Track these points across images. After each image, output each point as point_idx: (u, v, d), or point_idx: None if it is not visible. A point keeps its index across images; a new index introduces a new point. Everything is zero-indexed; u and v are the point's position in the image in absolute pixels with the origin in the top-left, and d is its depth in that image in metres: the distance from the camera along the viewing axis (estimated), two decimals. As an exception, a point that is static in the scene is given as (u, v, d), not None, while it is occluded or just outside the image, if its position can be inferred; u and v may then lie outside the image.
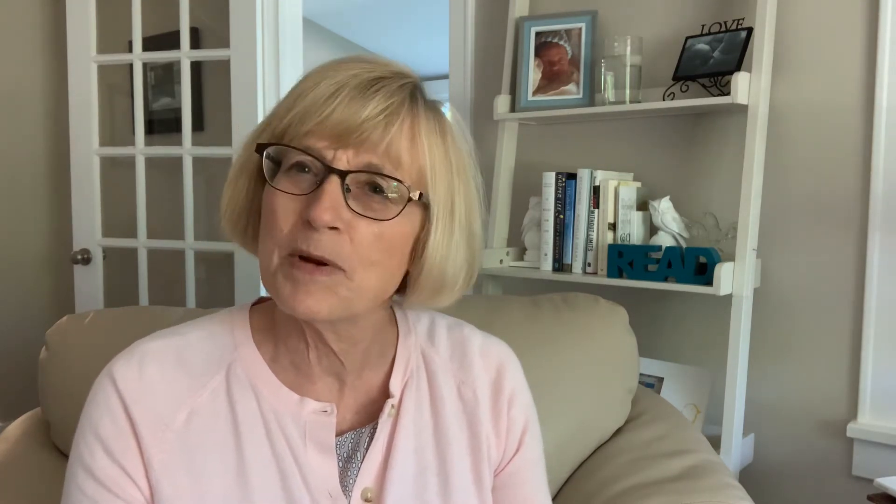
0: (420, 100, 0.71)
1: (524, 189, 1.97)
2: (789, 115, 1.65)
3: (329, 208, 0.65)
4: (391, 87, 0.69)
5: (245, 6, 2.18)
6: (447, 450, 0.79)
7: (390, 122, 0.67)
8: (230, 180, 0.75)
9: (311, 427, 0.74)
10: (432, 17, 4.10)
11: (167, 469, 0.71)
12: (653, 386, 1.70)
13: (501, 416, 0.83)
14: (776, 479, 1.69)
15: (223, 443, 0.73)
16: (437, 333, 0.85)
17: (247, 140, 0.74)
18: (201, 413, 0.73)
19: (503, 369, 0.84)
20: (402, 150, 0.68)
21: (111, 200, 2.41)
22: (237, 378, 0.75)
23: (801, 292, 1.65)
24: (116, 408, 0.72)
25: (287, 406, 0.74)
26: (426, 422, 0.79)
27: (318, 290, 0.67)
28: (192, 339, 0.77)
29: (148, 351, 0.75)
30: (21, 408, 1.47)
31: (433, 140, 0.71)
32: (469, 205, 0.75)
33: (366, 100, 0.67)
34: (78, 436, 0.74)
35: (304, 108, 0.68)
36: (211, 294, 2.48)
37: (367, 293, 0.70)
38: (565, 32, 1.87)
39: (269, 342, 0.77)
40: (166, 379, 0.73)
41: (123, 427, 0.71)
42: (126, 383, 0.72)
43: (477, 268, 0.78)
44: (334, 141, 0.67)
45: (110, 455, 0.71)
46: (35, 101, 2.80)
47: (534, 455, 0.86)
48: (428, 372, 0.82)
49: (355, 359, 0.77)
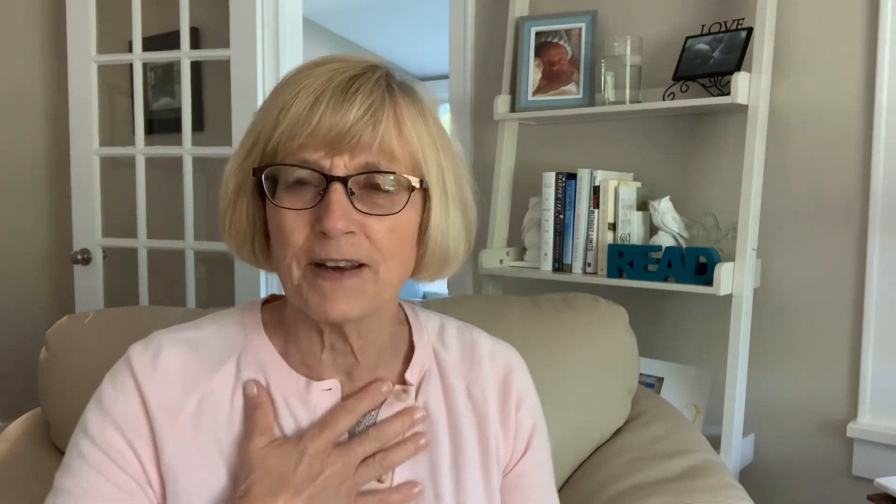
0: (395, 87, 0.72)
1: (524, 189, 1.97)
2: (789, 115, 1.65)
3: (341, 216, 0.67)
4: (369, 84, 0.69)
5: (245, 6, 2.18)
6: (459, 445, 0.80)
7: (377, 119, 0.68)
8: (228, 204, 0.75)
9: (318, 408, 0.76)
10: (432, 16, 4.11)
11: (181, 452, 0.72)
12: (653, 386, 1.70)
13: (510, 418, 0.84)
14: (776, 479, 1.69)
15: (232, 423, 0.74)
16: (447, 334, 0.86)
17: (236, 161, 0.75)
18: (212, 396, 0.75)
19: (511, 373, 0.85)
20: (393, 143, 0.70)
21: (111, 200, 2.41)
22: (247, 364, 0.77)
23: (801, 292, 1.65)
24: (132, 391, 0.74)
25: (295, 389, 0.76)
26: (441, 416, 0.81)
27: (347, 294, 0.69)
28: (207, 333, 0.79)
29: (165, 340, 0.77)
30: (21, 408, 1.47)
31: (417, 124, 0.72)
32: (457, 174, 0.76)
33: (348, 102, 0.68)
34: (87, 412, 0.75)
35: (290, 123, 0.68)
36: (211, 294, 2.48)
37: (391, 284, 0.73)
38: (565, 32, 1.87)
39: (279, 338, 0.79)
40: (180, 366, 0.75)
41: (137, 410, 0.73)
42: (142, 368, 0.74)
43: (474, 232, 0.80)
44: (328, 149, 0.68)
45: (121, 432, 0.73)
46: (35, 101, 2.80)
47: (542, 457, 0.87)
48: (440, 369, 0.83)
49: (370, 356, 0.78)
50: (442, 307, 1.00)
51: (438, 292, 4.86)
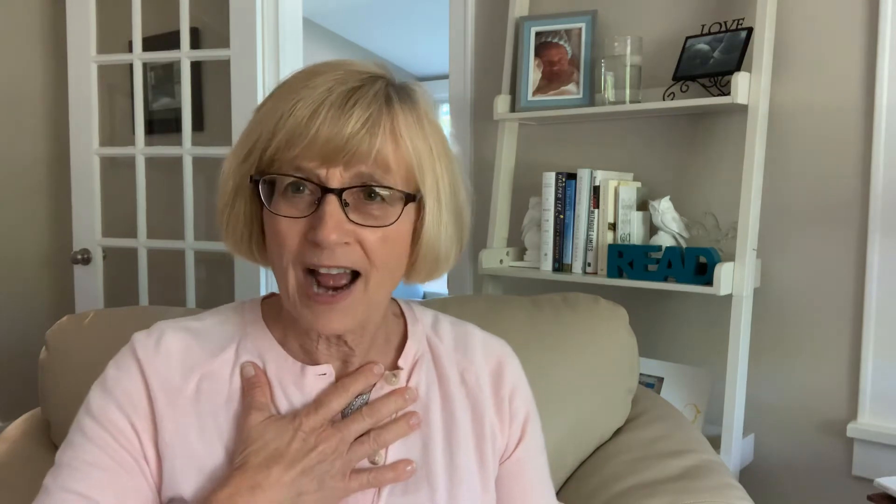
0: (394, 98, 0.72)
1: (524, 189, 1.97)
2: (789, 115, 1.65)
3: (334, 228, 0.68)
4: (367, 96, 0.70)
5: (245, 6, 2.18)
6: (453, 428, 0.82)
7: (374, 133, 0.69)
8: (226, 203, 0.77)
9: (313, 391, 0.78)
10: (432, 17, 4.10)
11: (179, 431, 0.74)
12: (653, 386, 1.70)
13: (503, 406, 0.85)
14: (776, 479, 1.69)
15: (230, 406, 0.77)
16: (440, 326, 0.88)
17: (234, 161, 0.75)
18: (211, 379, 0.77)
19: (503, 364, 0.87)
20: (388, 156, 0.70)
21: (111, 200, 2.41)
22: (246, 350, 0.80)
23: (801, 292, 1.65)
24: (134, 372, 0.76)
25: (290, 374, 0.78)
26: (435, 399, 0.83)
27: (339, 315, 0.72)
28: (208, 323, 0.82)
29: (167, 327, 0.80)
30: (21, 408, 1.47)
31: (414, 134, 0.72)
32: (453, 181, 0.77)
33: (346, 115, 0.68)
34: (90, 393, 0.77)
35: (287, 132, 0.69)
36: (211, 294, 2.48)
37: (381, 292, 0.75)
38: (565, 32, 1.87)
39: (278, 329, 0.81)
40: (182, 349, 0.78)
41: (139, 388, 0.75)
42: (145, 351, 0.77)
43: (467, 235, 0.82)
44: (324, 160, 0.69)
45: (121, 409, 0.75)
46: (35, 101, 2.80)
47: (537, 444, 0.88)
48: (434, 356, 0.85)
49: (364, 346, 0.80)
50: (442, 307, 1.00)
51: (438, 292, 4.86)
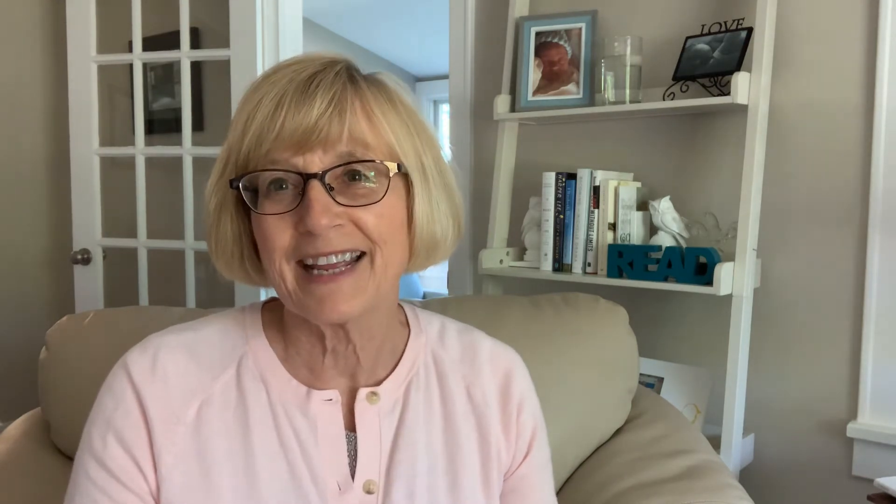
0: (359, 78, 0.71)
1: (524, 189, 1.97)
2: (789, 115, 1.65)
3: (322, 212, 0.66)
4: (328, 78, 0.69)
5: (245, 6, 2.18)
6: (457, 448, 0.80)
7: (342, 110, 0.68)
8: (212, 223, 0.75)
9: (319, 419, 0.75)
10: (432, 17, 4.10)
11: (179, 462, 0.72)
12: (653, 386, 1.70)
13: (511, 421, 0.83)
14: (776, 479, 1.69)
15: (232, 433, 0.74)
16: (447, 336, 0.86)
17: (214, 178, 0.74)
18: (212, 404, 0.74)
19: (511, 375, 0.85)
20: (364, 132, 0.69)
21: (111, 200, 2.41)
22: (248, 370, 0.76)
23: (801, 292, 1.65)
24: (130, 399, 0.73)
25: (295, 398, 0.75)
26: (436, 419, 0.80)
27: (346, 296, 0.68)
28: (206, 334, 0.78)
29: (163, 344, 0.76)
30: (21, 408, 1.47)
31: (387, 111, 0.71)
32: (437, 159, 0.75)
33: (310, 99, 0.67)
34: (89, 424, 0.74)
35: (256, 131, 0.68)
36: (211, 294, 2.47)
37: (389, 272, 0.72)
38: (565, 32, 1.87)
39: (280, 341, 0.78)
40: (180, 372, 0.74)
41: (136, 418, 0.72)
42: (141, 375, 0.73)
43: (462, 217, 0.79)
44: (298, 148, 0.67)
45: (122, 444, 0.72)
46: (35, 101, 2.80)
47: (542, 460, 0.87)
48: (438, 372, 0.82)
49: (370, 354, 0.77)
50: (442, 307, 1.01)
51: (438, 292, 4.85)
